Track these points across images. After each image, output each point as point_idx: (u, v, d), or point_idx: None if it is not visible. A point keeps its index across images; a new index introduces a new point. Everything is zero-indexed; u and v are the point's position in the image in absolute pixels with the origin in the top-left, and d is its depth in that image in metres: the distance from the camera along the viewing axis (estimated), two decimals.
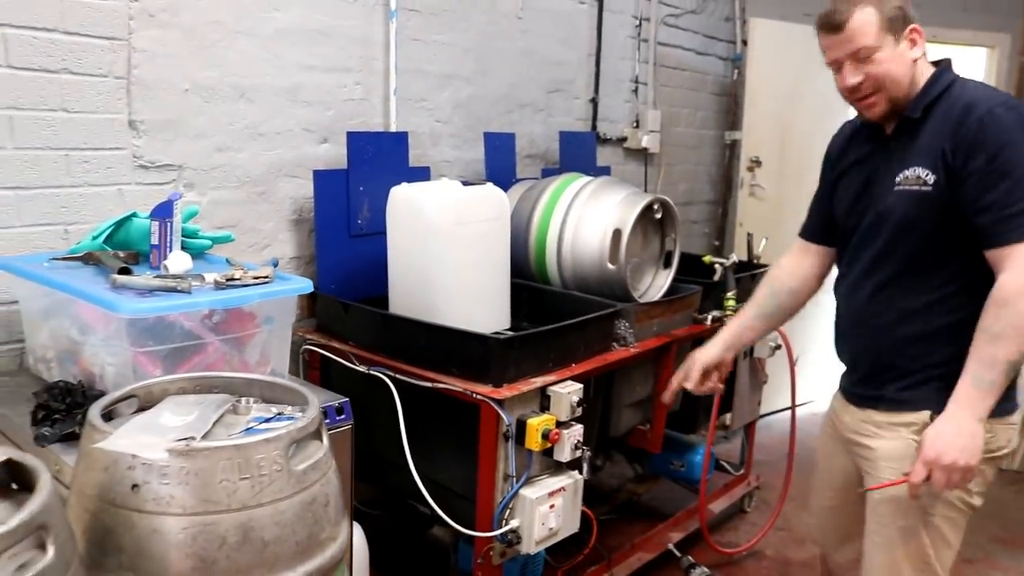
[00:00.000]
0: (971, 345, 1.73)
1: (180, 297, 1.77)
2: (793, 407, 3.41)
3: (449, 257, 2.48)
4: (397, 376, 2.39)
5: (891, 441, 1.92)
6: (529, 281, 2.97)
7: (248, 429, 1.46)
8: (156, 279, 1.82)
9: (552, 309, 2.84)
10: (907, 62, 1.84)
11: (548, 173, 3.30)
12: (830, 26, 1.85)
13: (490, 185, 2.62)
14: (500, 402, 2.20)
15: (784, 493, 3.43)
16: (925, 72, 1.87)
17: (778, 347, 3.36)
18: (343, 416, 2.02)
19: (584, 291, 2.84)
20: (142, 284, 1.81)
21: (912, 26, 1.84)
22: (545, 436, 2.24)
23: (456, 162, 3.26)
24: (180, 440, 1.29)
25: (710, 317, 3.02)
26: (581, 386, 2.33)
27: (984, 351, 1.71)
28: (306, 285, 1.94)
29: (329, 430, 1.96)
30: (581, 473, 2.40)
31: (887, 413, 1.94)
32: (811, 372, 5.04)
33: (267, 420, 1.50)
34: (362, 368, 2.49)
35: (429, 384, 2.32)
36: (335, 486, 1.48)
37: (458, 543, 2.70)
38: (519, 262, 2.99)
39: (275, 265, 2.01)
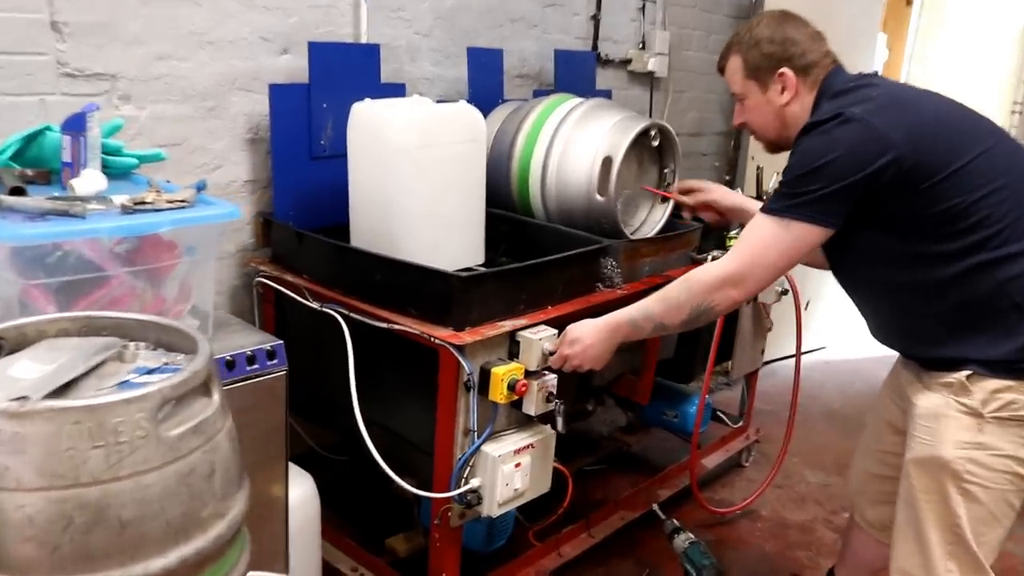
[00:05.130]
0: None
1: (73, 222, 1.52)
2: (798, 355, 3.15)
3: (414, 182, 2.21)
4: (351, 315, 2.15)
5: (929, 398, 1.77)
6: (510, 212, 2.69)
7: (124, 383, 1.21)
8: (48, 201, 1.56)
9: (534, 243, 2.57)
10: (773, 109, 1.88)
11: (540, 95, 3.00)
12: (719, 70, 2.00)
13: (464, 103, 2.33)
14: (461, 348, 1.95)
15: (784, 447, 3.19)
16: (808, 108, 1.85)
17: (785, 292, 3.09)
18: (275, 361, 1.79)
19: (570, 225, 2.57)
20: (32, 207, 1.55)
21: (781, 70, 1.84)
22: (511, 387, 1.99)
23: (437, 80, 2.96)
24: (16, 399, 1.05)
25: (710, 257, 2.74)
26: (555, 332, 2.08)
27: (651, 303, 1.91)
28: (230, 211, 1.68)
29: (258, 376, 1.75)
30: (554, 428, 2.16)
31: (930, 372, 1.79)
32: (821, 318, 4.79)
33: (151, 371, 1.26)
34: (315, 304, 2.25)
35: (384, 325, 2.07)
36: (226, 452, 1.23)
37: (419, 499, 2.49)
38: (500, 191, 2.71)
39: (200, 188, 1.75)
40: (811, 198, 1.65)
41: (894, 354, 1.98)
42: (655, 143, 2.63)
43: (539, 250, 2.46)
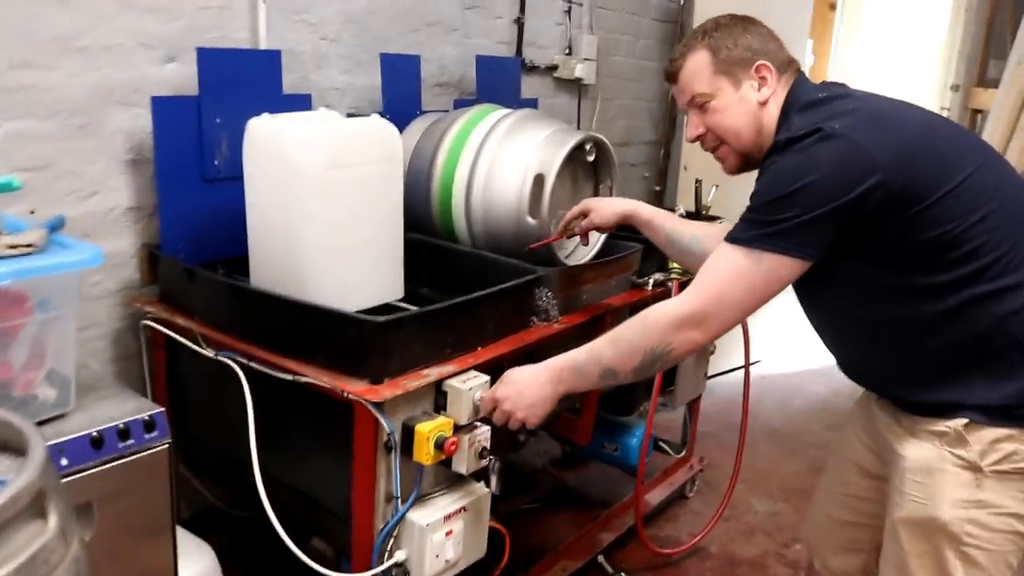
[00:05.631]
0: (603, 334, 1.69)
1: None
2: (747, 366, 2.94)
3: (320, 211, 1.92)
4: (250, 364, 1.86)
5: (919, 448, 1.56)
6: (431, 237, 2.42)
7: None
8: None
9: (458, 272, 2.32)
10: (750, 108, 1.64)
11: (461, 105, 2.74)
12: (667, 75, 1.76)
13: (376, 117, 2.05)
14: (379, 405, 1.68)
15: (734, 478, 2.99)
16: (776, 111, 1.63)
17: None
18: (155, 433, 1.49)
19: (498, 250, 2.31)
20: None
21: (759, 63, 1.63)
22: (439, 446, 1.73)
23: (348, 89, 2.67)
24: None
25: (651, 281, 2.52)
26: (487, 379, 1.82)
27: (600, 344, 1.66)
28: (90, 256, 1.37)
29: (133, 453, 1.45)
30: (488, 487, 1.91)
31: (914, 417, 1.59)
32: (754, 329, 4.63)
33: None
34: (208, 352, 1.94)
35: (288, 377, 1.78)
36: None
37: (340, 559, 2.20)
38: (420, 214, 2.44)
39: (55, 227, 1.44)
40: (786, 227, 1.43)
41: (832, 365, 1.77)
42: (590, 158, 2.39)
43: (464, 279, 2.21)
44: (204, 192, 2.22)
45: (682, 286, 2.52)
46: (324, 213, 1.93)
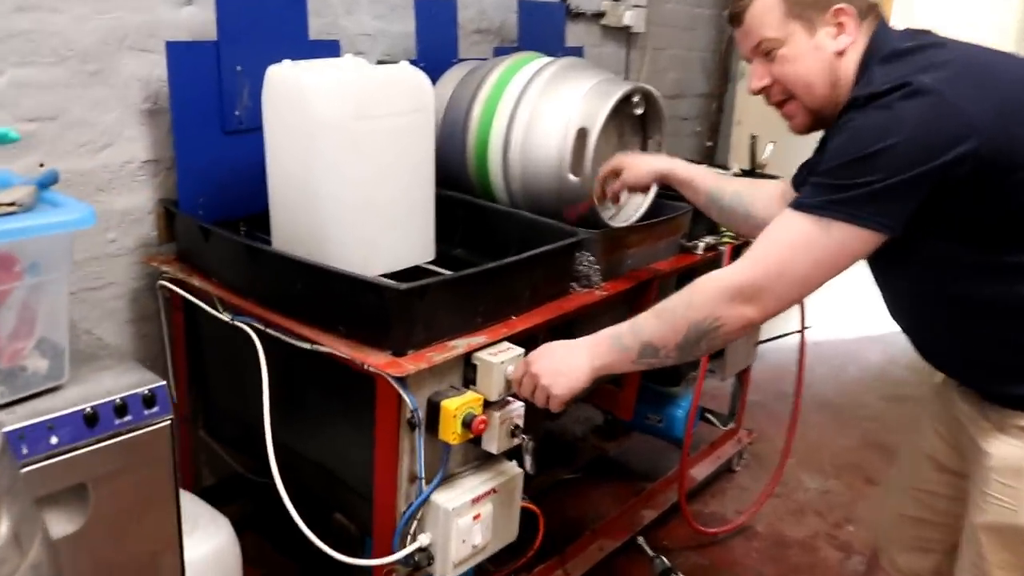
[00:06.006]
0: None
1: None
2: (803, 331, 2.76)
3: (344, 165, 1.77)
4: (267, 330, 1.73)
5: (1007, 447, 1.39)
6: (466, 195, 2.26)
7: None
8: None
9: (495, 232, 2.16)
10: (825, 57, 1.44)
11: (502, 54, 2.56)
12: (731, 17, 1.54)
13: (405, 64, 1.89)
14: (401, 379, 1.54)
15: (786, 452, 2.82)
16: (855, 61, 1.43)
17: None
18: (155, 408, 1.36)
19: (537, 209, 2.14)
20: None
21: (838, 6, 1.42)
22: (467, 425, 1.59)
23: (380, 36, 2.51)
24: None
25: (702, 244, 2.35)
26: (521, 351, 1.67)
27: (643, 317, 1.49)
28: (81, 216, 1.23)
29: (131, 430, 1.33)
30: (521, 466, 1.77)
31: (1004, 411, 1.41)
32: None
33: None
34: (225, 316, 1.82)
35: (306, 345, 1.65)
36: None
37: (364, 537, 2.09)
38: (455, 170, 2.28)
39: (46, 183, 1.31)
40: (863, 192, 1.24)
41: (893, 332, 1.59)
42: (638, 111, 2.21)
43: (501, 240, 2.07)
44: (224, 144, 2.08)
45: (736, 251, 2.35)
46: (348, 168, 1.78)
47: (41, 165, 1.88)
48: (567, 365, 1.54)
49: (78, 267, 1.98)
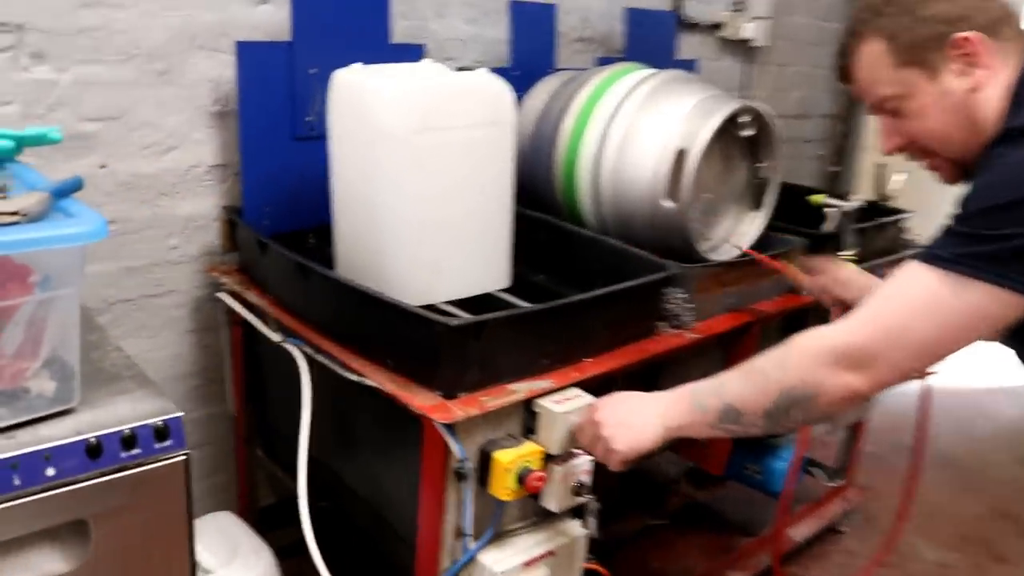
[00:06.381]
0: None
1: None
2: (927, 376, 2.41)
3: (407, 180, 1.62)
4: (315, 356, 1.59)
5: None
6: (551, 217, 2.07)
7: None
8: None
9: (579, 260, 1.96)
10: (956, 102, 1.19)
11: (605, 64, 2.36)
12: (839, 74, 1.36)
13: (484, 72, 1.72)
14: (450, 426, 1.36)
15: (903, 516, 2.50)
16: (1000, 94, 1.16)
17: None
18: (168, 442, 1.22)
19: (629, 237, 1.93)
20: None
21: (956, 36, 1.17)
22: (521, 480, 1.40)
23: (471, 41, 2.35)
24: None
25: None
26: (591, 400, 1.47)
27: (729, 375, 1.27)
28: (90, 230, 1.10)
29: (140, 465, 1.20)
30: (585, 527, 1.56)
31: None
32: None
33: None
34: (275, 336, 1.69)
35: (353, 377, 1.49)
36: None
37: None
38: (542, 189, 2.11)
39: (64, 192, 1.19)
40: (1008, 248, 0.99)
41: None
42: (746, 132, 1.97)
43: (585, 268, 1.89)
44: (294, 151, 1.96)
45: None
46: (411, 183, 1.62)
47: (103, 167, 1.80)
48: (636, 418, 1.34)
49: (137, 273, 1.90)
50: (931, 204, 1.50)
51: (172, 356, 2.00)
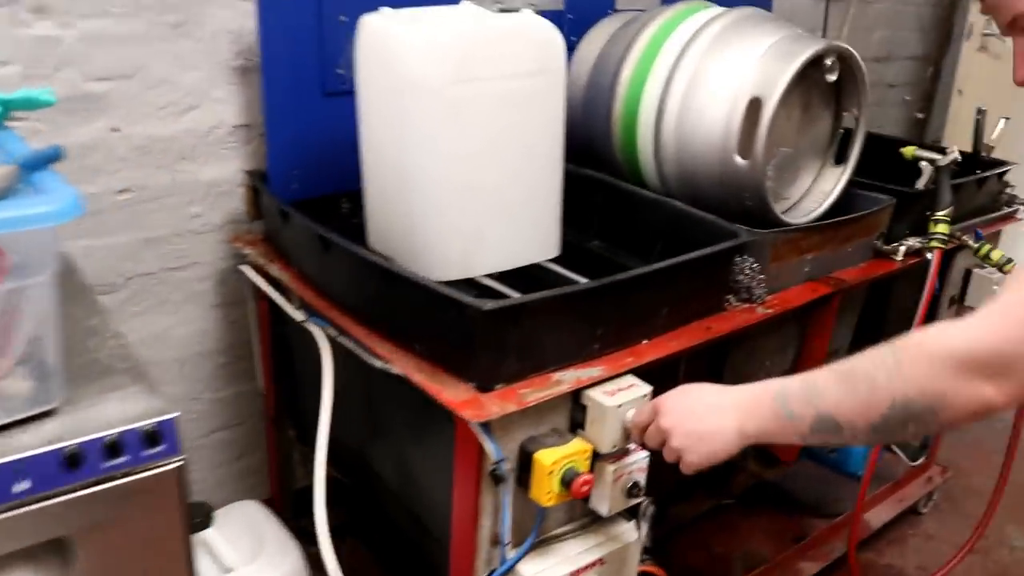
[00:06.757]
0: None
1: None
2: None
3: (441, 137, 1.43)
4: (338, 338, 1.43)
5: None
6: (608, 176, 1.87)
7: None
8: None
9: (640, 223, 1.77)
10: None
11: (670, 3, 2.12)
12: None
13: (528, 13, 1.51)
14: (485, 424, 1.19)
15: (996, 498, 2.27)
16: None
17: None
18: (160, 447, 1.07)
19: (696, 198, 1.72)
20: None
21: None
22: (566, 483, 1.23)
23: None
24: None
25: (903, 248, 1.84)
26: (649, 389, 1.28)
27: (823, 377, 1.05)
28: (60, 208, 0.94)
29: (127, 475, 1.05)
30: (639, 531, 1.39)
31: None
32: None
33: None
34: (297, 314, 1.54)
35: (378, 363, 1.33)
36: None
37: None
38: (599, 146, 1.91)
39: (38, 164, 1.04)
40: None
41: None
42: (831, 77, 1.73)
43: (646, 232, 1.72)
44: (324, 108, 1.79)
45: (946, 257, 1.85)
46: (447, 142, 1.43)
47: (115, 130, 1.65)
48: (709, 425, 1.14)
49: (157, 244, 1.76)
50: None
51: (197, 332, 1.86)
